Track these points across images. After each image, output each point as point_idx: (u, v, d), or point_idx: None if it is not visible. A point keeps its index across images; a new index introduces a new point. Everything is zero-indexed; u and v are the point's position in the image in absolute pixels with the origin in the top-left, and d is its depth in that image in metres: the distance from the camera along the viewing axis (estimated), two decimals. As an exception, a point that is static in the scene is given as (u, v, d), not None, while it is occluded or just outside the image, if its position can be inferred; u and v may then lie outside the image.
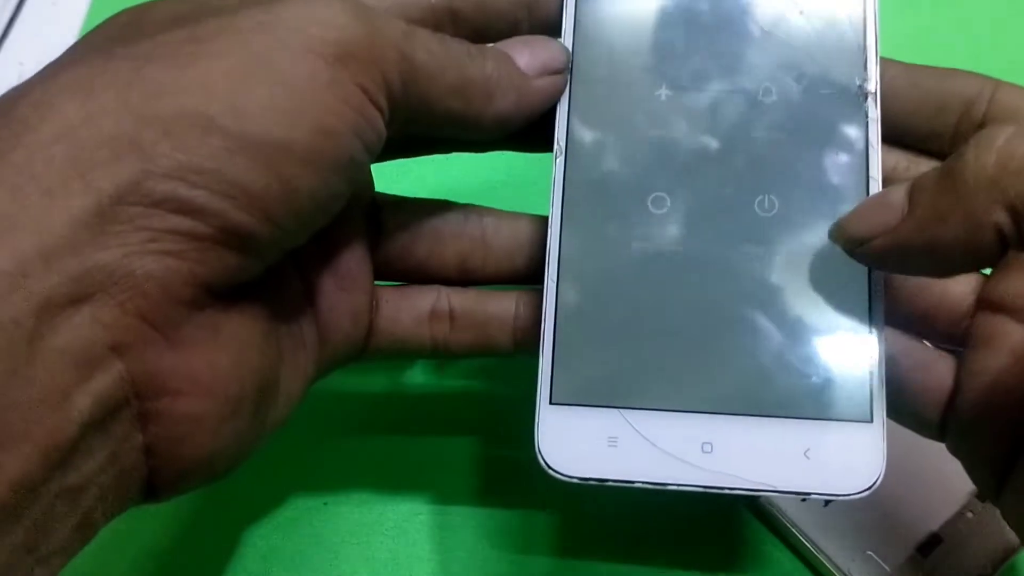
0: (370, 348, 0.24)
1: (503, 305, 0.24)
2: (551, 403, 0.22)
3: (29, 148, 0.16)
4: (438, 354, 0.24)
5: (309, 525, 0.28)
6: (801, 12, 0.23)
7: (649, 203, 0.23)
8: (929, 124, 0.23)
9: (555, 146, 0.23)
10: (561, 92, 0.23)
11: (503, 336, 0.24)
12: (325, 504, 0.29)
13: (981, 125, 0.22)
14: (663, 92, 0.23)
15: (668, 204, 0.23)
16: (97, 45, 0.18)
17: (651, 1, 0.24)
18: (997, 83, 0.22)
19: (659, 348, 0.22)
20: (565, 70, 0.23)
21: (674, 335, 0.22)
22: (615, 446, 0.21)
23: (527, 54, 0.22)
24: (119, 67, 0.17)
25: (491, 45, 0.23)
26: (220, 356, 0.18)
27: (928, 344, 0.23)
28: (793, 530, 0.27)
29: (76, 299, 0.16)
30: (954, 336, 0.23)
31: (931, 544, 0.27)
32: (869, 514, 0.27)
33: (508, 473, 0.29)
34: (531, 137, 0.24)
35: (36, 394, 0.15)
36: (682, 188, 0.23)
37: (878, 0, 0.23)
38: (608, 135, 0.23)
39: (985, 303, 0.22)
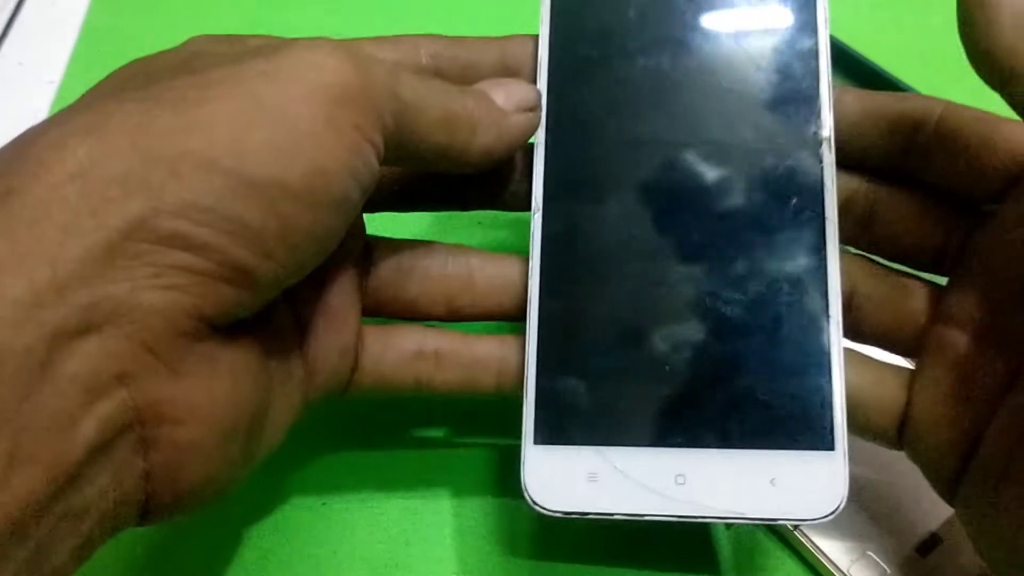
0: (354, 385, 0.25)
1: (488, 348, 0.25)
2: (535, 443, 0.23)
3: (45, 187, 0.16)
4: (421, 393, 0.25)
5: (308, 525, 0.28)
6: (759, 67, 0.25)
7: (622, 253, 0.24)
8: (882, 146, 0.24)
9: (532, 203, 0.25)
10: (535, 128, 0.25)
11: (487, 378, 0.25)
12: (323, 504, 0.29)
13: (929, 144, 0.23)
14: (632, 147, 0.25)
15: (641, 253, 0.24)
16: (109, 91, 0.20)
17: (619, 63, 0.25)
18: (946, 103, 0.23)
19: (634, 387, 0.23)
20: (538, 107, 0.25)
21: (648, 375, 0.23)
22: (595, 481, 0.22)
23: (502, 93, 0.24)
24: (129, 110, 0.18)
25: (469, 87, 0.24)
26: (218, 387, 0.19)
27: (879, 358, 0.24)
28: (792, 530, 0.27)
29: (85, 329, 0.16)
30: (916, 350, 0.24)
31: (931, 544, 0.27)
32: (869, 514, 0.27)
33: (510, 472, 0.29)
34: (510, 198, 0.26)
35: (46, 418, 0.16)
36: (654, 237, 0.24)
37: (829, 52, 0.24)
38: (580, 191, 0.25)
39: (937, 315, 0.23)
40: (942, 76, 0.23)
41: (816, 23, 0.25)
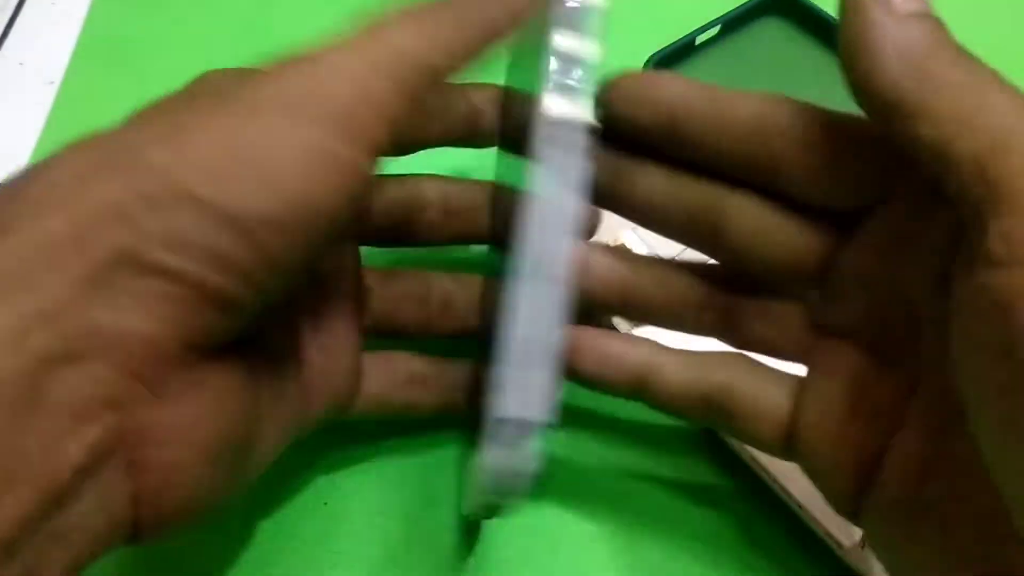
0: (356, 408, 0.26)
1: (460, 373, 0.28)
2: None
3: (35, 222, 0.17)
4: (409, 413, 0.28)
5: (309, 526, 0.28)
6: None
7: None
8: (733, 151, 0.22)
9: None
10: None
11: (459, 397, 0.28)
12: (325, 504, 0.29)
13: (783, 150, 0.21)
14: None
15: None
16: (113, 130, 0.20)
17: None
18: (801, 104, 0.21)
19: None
20: None
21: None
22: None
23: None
24: (119, 143, 0.19)
25: None
26: (202, 409, 0.19)
27: (767, 364, 0.23)
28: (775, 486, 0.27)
29: (72, 356, 0.17)
30: (799, 359, 0.23)
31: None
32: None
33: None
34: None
35: (36, 441, 0.16)
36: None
37: None
38: None
39: (821, 328, 0.22)
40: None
41: None
